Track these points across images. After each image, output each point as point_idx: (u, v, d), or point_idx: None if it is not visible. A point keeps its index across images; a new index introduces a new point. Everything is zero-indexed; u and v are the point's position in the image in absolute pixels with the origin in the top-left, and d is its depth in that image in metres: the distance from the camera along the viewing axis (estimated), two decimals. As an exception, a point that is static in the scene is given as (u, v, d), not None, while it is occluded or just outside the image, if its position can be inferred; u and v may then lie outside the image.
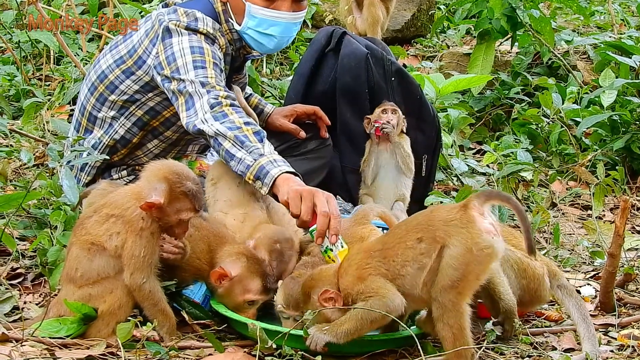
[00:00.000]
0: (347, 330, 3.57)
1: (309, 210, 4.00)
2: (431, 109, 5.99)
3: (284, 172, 4.19)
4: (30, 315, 4.02)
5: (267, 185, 4.18)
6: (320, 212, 3.98)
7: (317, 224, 3.97)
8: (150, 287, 3.73)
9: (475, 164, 6.78)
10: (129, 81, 4.81)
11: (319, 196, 4.04)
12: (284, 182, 4.15)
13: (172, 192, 3.73)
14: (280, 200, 4.15)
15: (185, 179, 3.78)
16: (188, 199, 3.76)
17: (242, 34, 4.83)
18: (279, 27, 4.80)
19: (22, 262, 4.54)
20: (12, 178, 5.72)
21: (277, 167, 4.21)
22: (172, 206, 3.75)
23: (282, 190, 4.13)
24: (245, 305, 3.96)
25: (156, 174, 3.79)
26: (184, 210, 3.78)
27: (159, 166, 3.86)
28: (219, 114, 4.36)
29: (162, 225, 3.78)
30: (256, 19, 4.74)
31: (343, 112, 5.77)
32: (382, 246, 3.68)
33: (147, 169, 3.85)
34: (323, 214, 3.97)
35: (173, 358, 3.61)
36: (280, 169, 4.20)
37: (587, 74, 8.70)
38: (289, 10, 4.76)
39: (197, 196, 3.80)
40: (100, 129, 4.92)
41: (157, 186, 3.72)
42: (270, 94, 7.53)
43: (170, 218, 3.77)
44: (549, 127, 7.42)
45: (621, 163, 7.08)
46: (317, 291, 3.67)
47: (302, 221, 4.03)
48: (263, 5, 4.72)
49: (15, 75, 7.65)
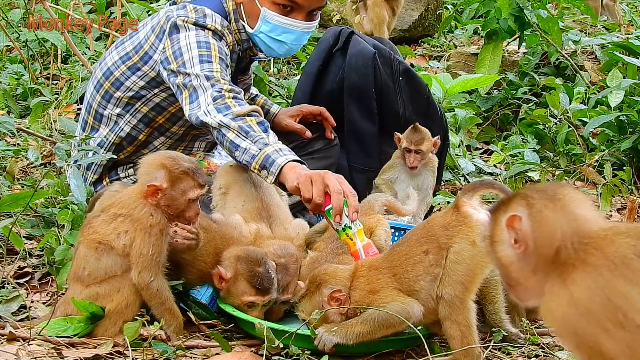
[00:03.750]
0: (359, 332, 3.58)
1: (321, 192, 4.02)
2: (439, 109, 5.98)
3: (290, 160, 4.22)
4: (37, 314, 4.03)
5: (273, 174, 4.20)
6: (334, 191, 4.00)
7: (332, 202, 3.99)
8: (158, 286, 3.74)
9: (483, 164, 6.79)
10: (134, 77, 4.81)
11: (330, 177, 4.07)
12: (291, 170, 4.17)
13: (172, 175, 3.76)
14: (288, 187, 4.16)
15: (181, 160, 3.83)
16: (190, 177, 3.79)
17: (254, 37, 4.84)
18: (291, 35, 4.82)
19: (29, 261, 4.54)
20: (20, 177, 5.73)
21: (284, 156, 4.23)
22: (177, 188, 3.77)
23: (290, 178, 4.14)
24: (245, 307, 3.96)
25: (151, 164, 3.82)
26: (190, 189, 3.80)
27: (152, 157, 3.90)
28: (222, 106, 4.38)
29: (173, 213, 3.80)
30: (270, 24, 4.75)
31: (350, 111, 5.77)
32: (390, 264, 3.70)
33: (142, 164, 3.88)
34: (337, 192, 4.00)
35: (180, 357, 3.61)
36: (287, 157, 4.22)
37: (595, 74, 8.68)
38: (303, 19, 4.77)
39: (197, 172, 3.83)
40: (106, 126, 4.93)
41: (157, 174, 3.76)
42: (278, 94, 7.53)
43: (179, 202, 3.79)
44: (557, 127, 7.41)
45: (628, 163, 7.06)
46: (329, 287, 3.69)
47: (315, 204, 4.04)
48: (279, 12, 4.73)
49: (23, 74, 7.66)
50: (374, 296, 3.64)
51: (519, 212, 2.49)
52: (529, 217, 2.48)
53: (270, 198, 4.55)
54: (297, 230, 4.47)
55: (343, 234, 4.02)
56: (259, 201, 4.49)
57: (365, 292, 3.67)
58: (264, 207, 4.47)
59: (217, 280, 3.96)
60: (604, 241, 2.36)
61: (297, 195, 4.17)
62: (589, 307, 2.30)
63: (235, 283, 3.93)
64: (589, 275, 2.33)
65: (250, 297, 3.93)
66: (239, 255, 3.97)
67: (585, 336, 2.33)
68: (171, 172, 3.77)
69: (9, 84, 7.44)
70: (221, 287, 3.97)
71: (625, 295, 2.26)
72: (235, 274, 3.93)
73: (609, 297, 2.28)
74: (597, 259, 2.34)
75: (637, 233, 2.35)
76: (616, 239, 2.35)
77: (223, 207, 4.54)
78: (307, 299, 3.78)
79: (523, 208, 2.49)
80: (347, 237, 4.01)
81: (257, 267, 3.93)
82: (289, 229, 4.46)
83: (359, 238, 4.00)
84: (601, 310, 2.29)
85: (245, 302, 3.94)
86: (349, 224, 4.00)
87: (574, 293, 2.33)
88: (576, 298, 2.33)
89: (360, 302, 3.66)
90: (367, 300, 3.65)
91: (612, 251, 2.33)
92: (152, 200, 3.75)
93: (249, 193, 4.52)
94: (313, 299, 3.75)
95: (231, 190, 4.58)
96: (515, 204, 2.52)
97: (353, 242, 4.01)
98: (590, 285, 2.31)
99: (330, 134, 5.61)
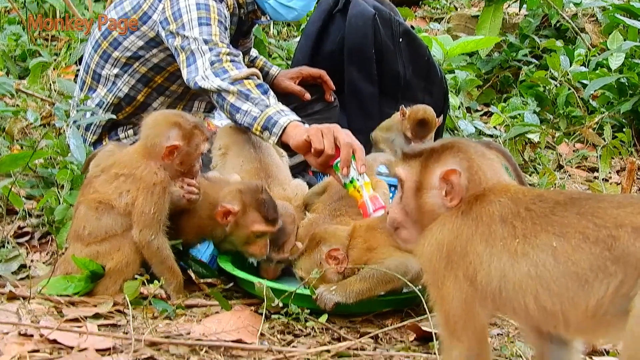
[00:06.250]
0: (358, 290, 3.60)
1: (332, 144, 4.04)
2: (439, 71, 5.97)
3: (292, 120, 4.22)
4: (37, 273, 4.04)
5: (275, 135, 4.20)
6: (343, 144, 4.03)
7: (342, 154, 4.02)
8: (159, 244, 3.76)
9: (483, 126, 6.78)
10: (133, 37, 4.80)
11: (339, 130, 4.10)
12: (294, 128, 4.18)
13: (186, 131, 3.82)
14: (294, 143, 4.16)
15: (187, 116, 3.92)
16: (200, 130, 3.87)
17: (263, 3, 4.83)
18: (301, 2, 4.84)
19: (29, 221, 4.54)
20: (19, 138, 5.71)
21: (286, 116, 4.24)
22: (192, 144, 3.85)
23: (297, 134, 4.15)
24: (254, 238, 4.00)
25: (160, 124, 3.86)
26: (201, 142, 3.87)
27: (159, 117, 3.95)
28: (219, 70, 4.38)
29: (184, 169, 3.86)
30: None
31: (350, 72, 5.75)
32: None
33: (147, 124, 3.90)
34: (346, 145, 4.03)
35: (180, 316, 3.62)
36: (289, 117, 4.24)
37: (595, 36, 8.66)
38: None
39: (203, 126, 3.93)
40: (103, 87, 4.92)
41: (169, 133, 3.80)
42: (278, 55, 7.50)
43: (192, 157, 3.86)
44: (557, 89, 7.41)
45: (628, 125, 7.06)
46: (328, 245, 3.71)
47: (327, 155, 4.06)
48: None
49: (21, 35, 7.62)
50: (371, 253, 3.66)
51: (458, 167, 2.53)
52: (466, 174, 2.54)
53: (269, 158, 4.56)
54: (295, 191, 4.48)
55: (350, 187, 4.04)
56: (258, 162, 4.50)
57: (363, 251, 3.69)
58: (263, 167, 4.48)
59: (220, 217, 3.97)
60: (489, 196, 2.45)
61: (302, 152, 4.17)
62: (450, 252, 2.44)
63: (244, 215, 3.96)
64: (461, 224, 2.45)
65: (261, 226, 3.96)
66: (240, 189, 4.00)
67: (437, 275, 2.47)
68: (185, 128, 3.81)
69: (7, 45, 7.41)
70: (226, 222, 3.98)
71: (478, 253, 2.38)
72: (243, 207, 3.95)
73: (467, 250, 2.40)
74: (475, 212, 2.45)
75: (522, 196, 2.40)
76: (495, 198, 2.45)
77: (223, 168, 4.56)
78: (305, 256, 3.81)
79: (462, 163, 2.52)
80: (354, 189, 4.04)
81: (261, 195, 3.96)
82: (288, 190, 4.47)
83: (366, 190, 4.01)
84: (459, 258, 2.42)
85: (257, 232, 3.97)
86: (356, 177, 4.01)
87: (445, 236, 2.47)
88: (441, 241, 2.47)
89: (358, 260, 3.68)
90: (364, 258, 3.67)
91: (486, 207, 2.44)
92: (167, 160, 3.78)
93: (248, 154, 4.53)
94: (312, 257, 3.77)
95: (230, 151, 4.59)
96: (452, 158, 2.55)
97: (360, 194, 4.03)
98: (458, 234, 2.45)
99: (329, 97, 5.59)
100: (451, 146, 2.60)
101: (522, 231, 2.35)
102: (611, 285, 2.20)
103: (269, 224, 3.97)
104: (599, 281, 2.22)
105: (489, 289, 2.37)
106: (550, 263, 2.28)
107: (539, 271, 2.29)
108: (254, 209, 3.95)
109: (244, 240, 4.01)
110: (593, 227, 2.26)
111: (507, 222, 2.38)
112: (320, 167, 4.16)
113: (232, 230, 4.00)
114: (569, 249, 2.26)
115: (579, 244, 2.26)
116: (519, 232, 2.35)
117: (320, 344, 3.43)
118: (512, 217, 2.38)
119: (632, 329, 2.14)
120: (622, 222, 2.22)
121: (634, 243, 2.18)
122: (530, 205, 2.39)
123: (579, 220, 2.30)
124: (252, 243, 4.00)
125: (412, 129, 5.31)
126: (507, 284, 2.34)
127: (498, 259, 2.35)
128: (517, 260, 2.33)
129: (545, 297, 2.29)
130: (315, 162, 4.13)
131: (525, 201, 2.41)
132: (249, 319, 3.59)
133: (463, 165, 2.55)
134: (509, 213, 2.39)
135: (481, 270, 2.36)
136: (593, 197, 2.44)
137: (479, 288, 2.38)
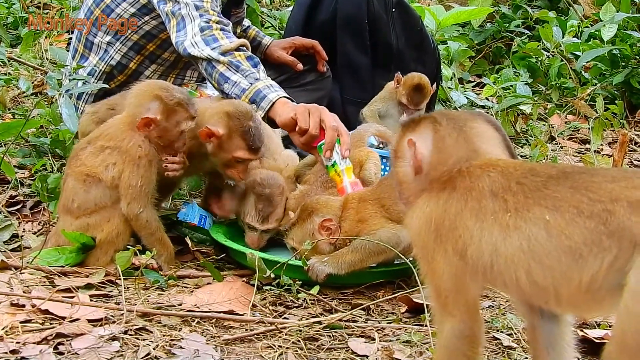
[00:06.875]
0: (350, 261, 3.62)
1: (317, 124, 4.03)
2: (431, 41, 5.96)
3: (281, 96, 4.21)
4: (29, 244, 4.03)
5: (263, 109, 4.19)
6: (329, 126, 4.02)
7: (326, 137, 4.01)
8: (147, 217, 3.76)
9: (475, 97, 6.78)
10: (125, 4, 4.76)
11: (326, 112, 4.09)
12: (282, 105, 4.17)
13: (167, 106, 3.77)
14: (280, 120, 4.15)
15: (174, 91, 3.83)
16: (183, 108, 3.80)
17: None
18: None
19: (20, 190, 4.53)
20: (11, 106, 5.69)
21: (275, 92, 4.23)
22: (171, 120, 3.79)
23: (284, 111, 4.14)
24: (234, 162, 4.00)
25: (143, 95, 3.82)
26: (183, 120, 3.81)
27: (144, 87, 3.89)
28: (209, 38, 4.34)
29: (163, 144, 3.81)
30: None
31: (343, 43, 5.73)
32: (378, 196, 3.75)
33: (132, 92, 3.88)
34: (332, 128, 4.02)
35: (172, 287, 3.63)
36: (278, 93, 4.22)
37: (588, 7, 8.65)
38: None
39: (189, 103, 3.84)
40: (96, 55, 4.90)
41: (150, 105, 3.76)
42: (270, 24, 7.48)
43: (172, 133, 3.81)
44: (549, 60, 7.41)
45: (620, 97, 7.07)
46: (320, 216, 3.73)
47: (311, 135, 4.05)
48: None
49: (14, 2, 7.58)
50: (363, 225, 3.68)
51: (423, 135, 2.53)
52: (430, 142, 2.54)
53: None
54: (286, 162, 4.48)
55: (332, 170, 4.04)
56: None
57: (355, 222, 3.70)
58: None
59: (204, 137, 3.95)
60: (477, 171, 2.43)
61: (287, 130, 4.16)
62: (438, 226, 2.42)
63: (229, 140, 3.95)
64: (449, 199, 2.42)
65: (243, 153, 3.96)
66: (229, 111, 3.97)
67: (427, 249, 2.45)
68: (166, 103, 3.77)
69: (-1, 12, 7.38)
70: (209, 142, 3.97)
71: (468, 227, 2.36)
72: (228, 131, 3.94)
73: (456, 224, 2.38)
74: (463, 186, 2.43)
75: (513, 170, 2.41)
76: (485, 172, 2.42)
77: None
78: (298, 226, 3.82)
79: (429, 132, 2.53)
80: (335, 173, 4.04)
81: (249, 122, 3.95)
82: (278, 160, 4.46)
83: (347, 175, 4.02)
84: (447, 232, 2.40)
85: (237, 157, 3.97)
86: (338, 161, 4.02)
87: (432, 210, 2.44)
88: (430, 215, 2.44)
89: (350, 232, 3.70)
90: (356, 230, 3.68)
91: (475, 182, 2.41)
92: (143, 132, 3.75)
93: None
94: (304, 227, 3.79)
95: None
96: (423, 127, 2.55)
97: (341, 178, 4.03)
98: (446, 209, 2.42)
99: (322, 67, 5.58)
100: (429, 117, 2.60)
101: (514, 205, 2.34)
102: (606, 259, 2.20)
103: (251, 152, 3.96)
104: (593, 255, 2.21)
105: (480, 262, 2.37)
106: (543, 237, 2.28)
107: (532, 245, 2.29)
108: (238, 135, 3.93)
109: (224, 162, 4.02)
110: (587, 201, 2.25)
111: (498, 196, 2.37)
112: (304, 147, 4.15)
113: (213, 150, 3.99)
114: (562, 223, 2.26)
115: (573, 218, 2.25)
116: (511, 206, 2.34)
117: (311, 316, 3.44)
118: (503, 191, 2.37)
119: (627, 304, 2.14)
120: (617, 197, 2.22)
121: (630, 217, 2.18)
122: (522, 179, 2.38)
123: (573, 194, 2.29)
124: (231, 166, 4.01)
125: (407, 95, 5.32)
126: (499, 258, 2.33)
127: (489, 233, 2.34)
128: (509, 234, 2.32)
129: (538, 271, 2.29)
130: (299, 141, 4.12)
131: (516, 175, 2.40)
132: (241, 290, 3.60)
133: (430, 135, 2.54)
134: (499, 187, 2.38)
135: (471, 245, 2.36)
136: (586, 171, 2.42)
137: (470, 262, 2.38)
